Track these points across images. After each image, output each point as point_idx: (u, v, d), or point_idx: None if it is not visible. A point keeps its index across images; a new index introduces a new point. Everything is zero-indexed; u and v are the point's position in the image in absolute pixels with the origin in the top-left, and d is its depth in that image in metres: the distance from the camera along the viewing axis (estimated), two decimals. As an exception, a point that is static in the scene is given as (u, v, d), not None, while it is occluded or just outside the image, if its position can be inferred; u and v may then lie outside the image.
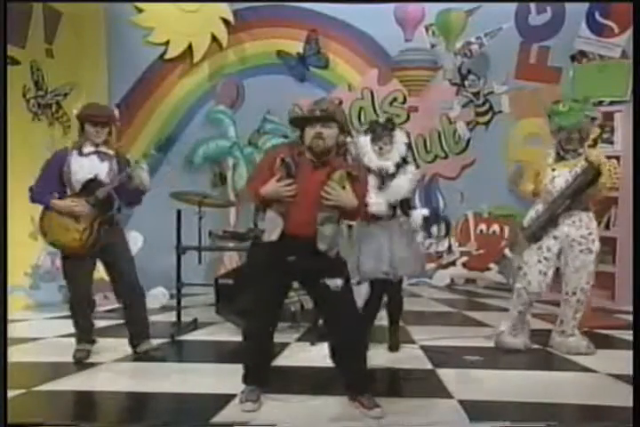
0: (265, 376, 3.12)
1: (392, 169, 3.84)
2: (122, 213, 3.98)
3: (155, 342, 4.08)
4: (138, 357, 3.94)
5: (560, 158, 4.00)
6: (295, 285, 3.32)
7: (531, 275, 3.97)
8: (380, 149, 3.83)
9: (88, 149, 3.84)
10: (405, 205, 3.92)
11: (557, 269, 4.06)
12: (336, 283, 2.89)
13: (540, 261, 3.96)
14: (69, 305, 3.98)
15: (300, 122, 2.98)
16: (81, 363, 3.79)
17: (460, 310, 5.67)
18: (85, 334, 3.96)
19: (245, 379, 3.10)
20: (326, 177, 2.88)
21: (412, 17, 7.15)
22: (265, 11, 7.21)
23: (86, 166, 3.80)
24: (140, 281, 4.00)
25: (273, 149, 3.18)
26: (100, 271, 4.11)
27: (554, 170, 3.98)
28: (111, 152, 3.90)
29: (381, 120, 4.08)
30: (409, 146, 4.19)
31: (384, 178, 3.82)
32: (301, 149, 2.94)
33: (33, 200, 3.88)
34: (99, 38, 6.72)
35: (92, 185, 3.77)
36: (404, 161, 3.91)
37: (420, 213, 3.99)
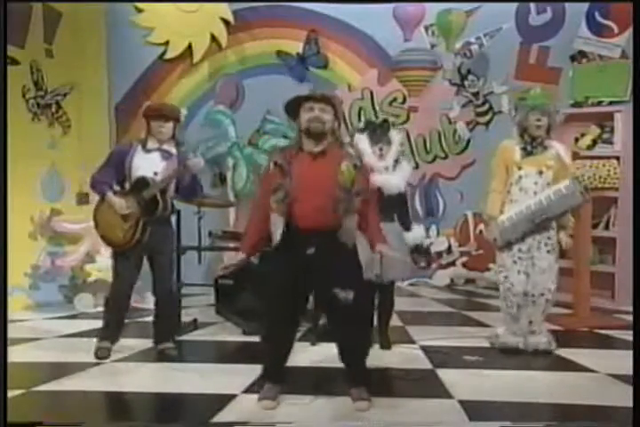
0: (283, 374, 3.10)
1: (391, 170, 3.92)
2: (172, 212, 4.02)
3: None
4: (140, 356, 3.95)
5: (527, 154, 3.96)
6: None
7: (512, 277, 3.99)
8: (381, 149, 3.90)
9: (152, 145, 3.86)
10: (402, 203, 4.00)
11: None
12: (347, 296, 2.85)
13: (515, 262, 3.98)
14: (105, 300, 4.00)
15: (296, 106, 2.96)
16: (102, 361, 3.80)
17: (459, 310, 5.66)
18: (112, 331, 3.95)
19: (264, 377, 3.09)
20: (327, 166, 2.89)
21: (411, 17, 7.15)
22: (265, 11, 7.22)
23: (148, 163, 3.82)
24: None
25: (266, 170, 3.14)
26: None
27: (520, 168, 3.96)
28: (174, 151, 3.92)
29: (377, 121, 4.13)
30: (402, 144, 4.27)
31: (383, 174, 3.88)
32: (298, 146, 2.95)
33: (92, 187, 3.93)
34: (99, 38, 6.72)
35: (141, 184, 3.78)
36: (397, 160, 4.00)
37: (420, 231, 4.08)
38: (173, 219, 4.69)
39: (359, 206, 2.92)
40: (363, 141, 3.93)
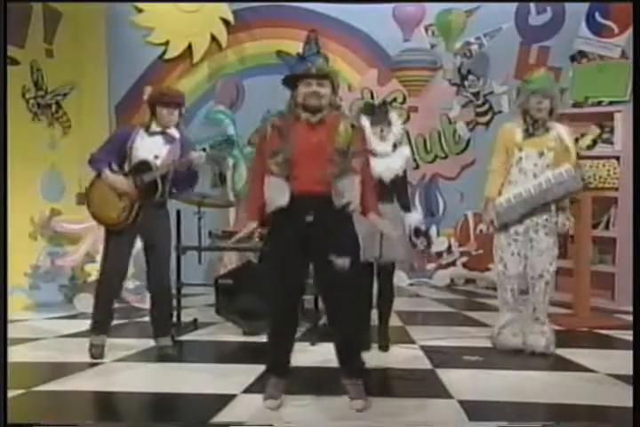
0: (287, 366, 3.08)
1: (390, 151, 3.92)
2: (171, 197, 4.00)
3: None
4: (140, 355, 3.95)
5: (528, 135, 3.94)
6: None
7: (506, 258, 3.99)
8: (381, 131, 3.90)
9: (155, 128, 3.85)
10: (401, 185, 3.98)
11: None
12: (344, 263, 2.83)
13: (510, 244, 3.98)
14: (96, 285, 3.96)
15: (294, 80, 2.96)
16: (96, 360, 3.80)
17: (459, 310, 5.66)
18: (102, 321, 3.93)
19: (269, 371, 3.08)
20: (326, 132, 2.89)
21: (411, 17, 7.15)
22: (265, 11, 7.22)
23: (149, 146, 3.81)
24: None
25: (261, 127, 3.12)
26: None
27: (521, 150, 3.95)
28: (177, 135, 3.91)
29: (376, 103, 4.11)
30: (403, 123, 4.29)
31: (382, 158, 3.88)
32: (296, 115, 2.94)
33: (90, 163, 3.89)
34: (99, 38, 6.72)
35: (142, 166, 3.77)
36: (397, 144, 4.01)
37: (417, 215, 4.07)
38: (173, 219, 4.71)
39: (356, 168, 2.91)
40: (364, 123, 3.89)
